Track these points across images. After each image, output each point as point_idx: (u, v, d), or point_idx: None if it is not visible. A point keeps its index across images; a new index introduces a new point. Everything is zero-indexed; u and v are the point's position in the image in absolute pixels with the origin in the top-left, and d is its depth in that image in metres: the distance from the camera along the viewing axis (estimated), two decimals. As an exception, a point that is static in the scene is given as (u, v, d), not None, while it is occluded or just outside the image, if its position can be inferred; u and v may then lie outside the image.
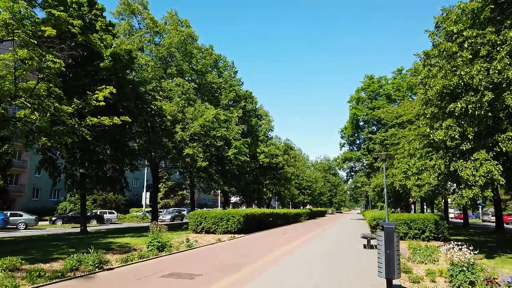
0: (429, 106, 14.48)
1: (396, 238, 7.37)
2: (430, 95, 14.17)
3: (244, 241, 17.45)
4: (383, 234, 7.43)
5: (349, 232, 25.32)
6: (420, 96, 20.28)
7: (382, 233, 7.47)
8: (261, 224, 25.29)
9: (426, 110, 14.53)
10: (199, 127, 26.27)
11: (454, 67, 13.07)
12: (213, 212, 21.36)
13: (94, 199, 49.71)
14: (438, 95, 13.72)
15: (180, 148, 25.70)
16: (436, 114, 14.12)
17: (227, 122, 30.99)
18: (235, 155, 29.66)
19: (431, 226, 18.45)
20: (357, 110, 45.01)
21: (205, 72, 34.10)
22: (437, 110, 13.99)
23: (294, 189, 59.19)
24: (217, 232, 20.78)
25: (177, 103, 26.95)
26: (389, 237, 7.29)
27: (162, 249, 12.88)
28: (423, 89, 15.11)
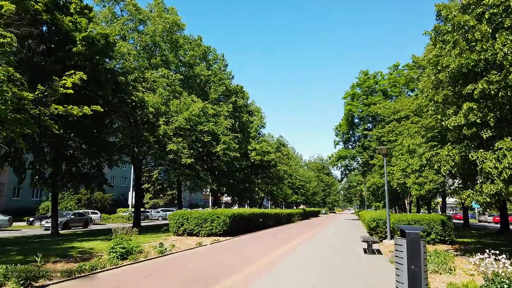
0: (441, 89, 12.43)
1: (424, 249, 5.25)
2: (442, 77, 12.13)
3: (228, 245, 15.25)
4: (403, 243, 5.30)
5: (345, 234, 23.26)
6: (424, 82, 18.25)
7: (403, 241, 5.34)
8: (250, 226, 23.14)
9: (437, 94, 12.47)
10: (184, 121, 24.05)
11: (472, 42, 11.04)
12: (196, 212, 19.16)
13: (79, 198, 47.20)
14: (452, 76, 11.67)
15: (164, 143, 23.47)
16: (450, 98, 12.07)
17: (215, 117, 28.78)
18: (224, 151, 27.46)
19: (437, 228, 16.42)
20: (352, 107, 43.04)
21: (193, 64, 31.86)
22: (451, 94, 11.94)
23: (287, 189, 57.08)
24: (200, 234, 18.58)
25: (161, 95, 24.70)
26: (413, 247, 5.15)
27: (126, 256, 10.65)
28: (433, 71, 13.06)
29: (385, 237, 17.89)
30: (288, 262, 10.89)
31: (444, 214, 18.12)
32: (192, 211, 19.81)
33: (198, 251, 13.16)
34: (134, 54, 26.81)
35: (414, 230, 5.31)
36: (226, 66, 36.22)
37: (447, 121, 11.80)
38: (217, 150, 27.07)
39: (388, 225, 17.17)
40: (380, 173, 37.29)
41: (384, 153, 17.91)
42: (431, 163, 12.66)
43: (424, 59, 20.02)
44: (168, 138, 23.48)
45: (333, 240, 18.85)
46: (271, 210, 29.04)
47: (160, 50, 28.90)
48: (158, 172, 33.02)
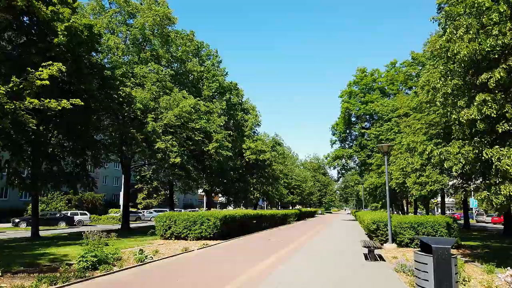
0: (450, 80, 11.21)
1: (455, 269, 4.00)
2: (452, 65, 10.92)
3: (217, 251, 13.96)
4: (429, 261, 4.04)
5: (343, 238, 22.07)
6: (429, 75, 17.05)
7: (428, 259, 4.08)
8: (243, 228, 21.85)
9: (445, 86, 11.25)
10: (174, 117, 22.74)
11: (488, 25, 9.83)
12: (184, 214, 17.84)
13: (69, 199, 45.66)
14: (464, 63, 10.46)
15: (152, 141, 22.14)
16: (461, 89, 10.86)
17: (208, 114, 27.48)
18: (216, 149, 26.16)
19: (442, 231, 15.23)
20: (349, 105, 41.84)
21: (185, 60, 30.55)
22: (462, 83, 10.72)
23: (283, 189, 55.82)
24: (189, 238, 17.26)
25: (150, 91, 23.38)
26: (443, 268, 3.89)
27: (98, 265, 9.34)
28: (441, 60, 11.85)
29: (386, 240, 16.69)
30: (282, 273, 9.63)
31: (449, 216, 16.93)
32: (180, 213, 18.50)
33: (182, 259, 11.85)
34: (123, 48, 25.49)
35: (442, 243, 4.05)
36: (219, 62, 34.96)
37: (458, 115, 10.59)
38: (209, 148, 25.77)
39: (390, 227, 15.97)
40: (378, 173, 36.19)
41: (385, 151, 16.70)
42: (440, 161, 11.37)
43: (428, 50, 18.77)
44: (157, 136, 22.16)
45: (330, 244, 17.62)
46: (265, 211, 27.77)
47: (150, 44, 27.58)
48: (152, 172, 31.60)
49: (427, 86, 19.67)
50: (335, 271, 9.87)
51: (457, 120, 11.08)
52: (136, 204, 60.38)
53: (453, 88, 10.76)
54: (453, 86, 10.76)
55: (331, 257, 12.66)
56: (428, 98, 19.10)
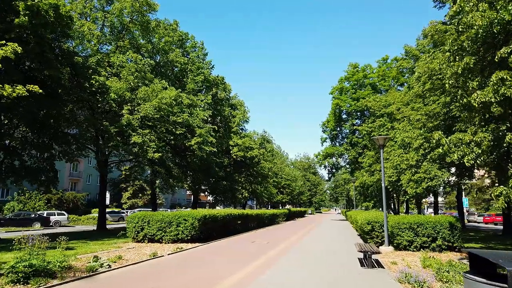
0: (460, 58, 9.55)
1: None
2: (464, 42, 9.26)
3: (192, 256, 12.09)
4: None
5: (334, 239, 20.39)
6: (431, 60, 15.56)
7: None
8: (227, 229, 20.03)
9: (453, 66, 9.58)
10: (152, 109, 20.80)
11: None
12: (159, 214, 15.92)
13: (48, 198, 43.20)
14: (478, 37, 8.82)
15: (127, 135, 20.18)
16: (473, 68, 9.20)
17: (191, 107, 25.56)
18: (199, 144, 24.26)
19: (444, 232, 13.61)
20: (340, 101, 40.29)
21: (168, 51, 28.60)
22: (475, 61, 9.06)
23: (272, 188, 54.07)
24: (164, 240, 15.37)
25: (127, 80, 21.42)
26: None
27: (29, 278, 7.42)
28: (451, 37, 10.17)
29: (381, 242, 15.02)
30: (264, 285, 7.84)
31: (452, 216, 15.33)
32: (155, 212, 16.57)
33: (147, 267, 9.97)
34: (98, 36, 23.44)
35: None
36: (205, 55, 33.03)
37: (469, 98, 8.95)
38: (191, 143, 23.85)
39: (386, 229, 14.30)
40: (370, 171, 34.68)
41: (380, 143, 15.03)
42: (448, 151, 9.69)
43: (428, 32, 17.21)
44: (133, 129, 20.20)
45: (321, 246, 15.90)
46: (252, 211, 25.96)
47: (129, 33, 25.56)
48: (129, 169, 29.41)
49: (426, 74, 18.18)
50: (327, 283, 8.11)
51: (467, 106, 9.44)
52: (120, 204, 58.10)
53: (464, 67, 9.08)
54: (464, 66, 9.08)
55: (322, 263, 10.91)
56: (427, 87, 17.59)
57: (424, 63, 17.26)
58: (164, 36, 28.29)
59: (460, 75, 9.41)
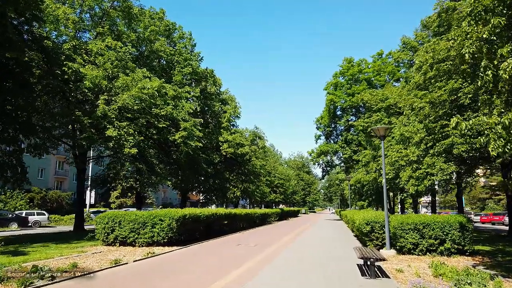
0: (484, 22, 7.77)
1: None
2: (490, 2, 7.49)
3: (161, 264, 10.18)
4: None
5: (329, 240, 18.60)
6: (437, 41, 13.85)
7: None
8: (212, 230, 18.18)
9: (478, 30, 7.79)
10: (131, 99, 18.87)
11: None
12: (131, 214, 14.00)
13: (31, 197, 40.98)
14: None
15: (102, 127, 18.25)
16: (502, 32, 7.42)
17: (176, 99, 23.65)
18: (184, 139, 22.35)
19: (454, 234, 11.87)
20: (335, 96, 38.56)
21: (154, 41, 26.65)
22: (506, 22, 7.27)
23: (265, 187, 52.24)
24: (137, 243, 13.46)
25: (104, 68, 19.46)
26: None
27: None
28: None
29: (382, 245, 13.28)
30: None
31: (463, 215, 13.58)
32: (128, 212, 14.63)
33: (98, 280, 8.07)
34: (75, 21, 21.44)
35: None
36: (194, 46, 31.12)
37: (497, 68, 7.18)
38: (175, 138, 21.93)
39: (387, 230, 12.55)
40: (366, 169, 33.01)
41: (381, 134, 13.28)
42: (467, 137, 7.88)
43: (436, 7, 15.50)
44: (109, 122, 18.24)
45: (314, 250, 14.10)
46: (241, 210, 24.10)
47: (109, 19, 23.57)
48: (107, 166, 27.15)
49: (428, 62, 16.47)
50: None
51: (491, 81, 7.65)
52: (109, 204, 55.94)
53: (492, 31, 7.29)
54: (491, 29, 7.30)
55: (315, 271, 9.10)
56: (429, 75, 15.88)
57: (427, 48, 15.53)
58: (149, 25, 26.38)
59: (485, 42, 7.63)
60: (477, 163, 15.14)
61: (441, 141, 14.08)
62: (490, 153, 7.56)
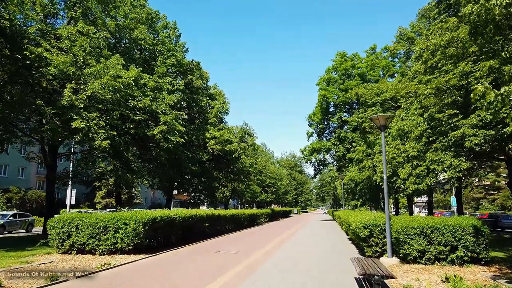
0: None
1: None
2: None
3: (111, 284, 8.13)
4: None
5: (321, 244, 16.71)
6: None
7: None
8: (192, 233, 16.15)
9: None
10: (101, 88, 16.74)
11: None
12: (91, 216, 11.92)
13: (8, 197, 38.50)
14: None
15: (68, 118, 16.11)
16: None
17: (156, 91, 21.58)
18: (164, 134, 20.27)
19: (467, 239, 10.03)
20: (327, 92, 36.73)
21: (135, 29, 24.52)
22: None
23: (256, 186, 50.26)
24: (98, 251, 11.39)
25: (73, 54, 17.32)
26: None
27: None
28: None
29: (382, 252, 11.40)
30: None
31: (475, 217, 11.73)
32: (88, 214, 12.54)
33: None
34: (43, 3, 19.26)
35: None
36: (178, 36, 28.99)
37: None
38: (154, 133, 19.84)
39: (389, 234, 10.69)
40: (359, 167, 31.26)
41: (382, 124, 11.40)
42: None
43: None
44: (77, 112, 16.11)
45: (305, 258, 12.18)
46: (227, 211, 22.08)
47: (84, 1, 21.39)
48: (76, 162, 24.67)
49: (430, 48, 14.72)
50: None
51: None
52: (94, 204, 53.50)
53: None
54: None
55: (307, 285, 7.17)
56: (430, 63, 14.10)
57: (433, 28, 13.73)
58: (130, 13, 24.24)
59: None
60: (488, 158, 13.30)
61: (449, 133, 12.24)
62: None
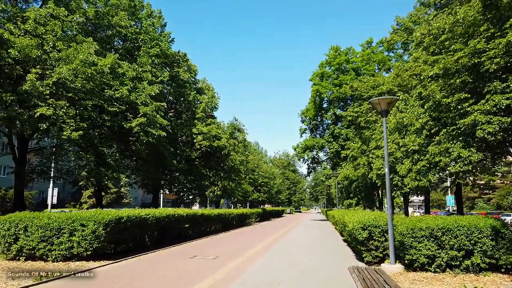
0: None
1: None
2: None
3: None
4: None
5: (314, 247, 15.03)
6: None
7: None
8: (170, 235, 14.38)
9: None
10: (70, 74, 14.91)
11: None
12: (43, 217, 10.12)
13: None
14: None
15: (31, 105, 14.29)
16: None
17: (136, 81, 19.78)
18: (143, 127, 18.46)
19: (485, 243, 8.40)
20: (321, 87, 35.10)
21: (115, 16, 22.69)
22: None
23: (248, 185, 48.50)
24: (50, 257, 9.59)
25: (39, 35, 15.49)
26: None
27: None
28: None
29: (383, 257, 9.76)
30: None
31: (494, 218, 10.08)
32: (40, 214, 10.71)
33: None
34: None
35: None
36: (164, 26, 27.15)
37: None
38: (132, 125, 18.00)
39: (391, 237, 9.05)
40: (354, 165, 29.69)
41: (383, 109, 9.74)
42: None
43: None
44: (42, 99, 14.28)
45: (295, 265, 10.49)
46: (211, 211, 20.32)
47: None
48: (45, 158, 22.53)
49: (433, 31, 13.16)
50: None
51: None
52: (80, 204, 51.40)
53: None
54: None
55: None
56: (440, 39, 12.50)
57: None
58: None
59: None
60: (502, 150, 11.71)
61: (458, 120, 10.63)
62: None
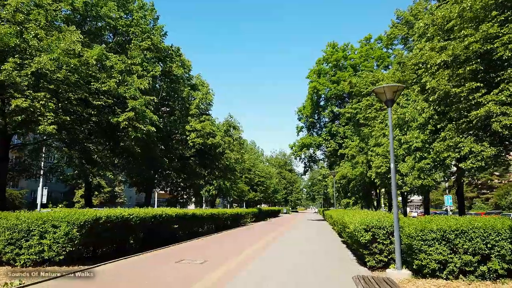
0: None
1: None
2: None
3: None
4: None
5: (311, 250, 14.07)
6: None
7: None
8: (159, 236, 13.37)
9: None
10: (51, 65, 13.87)
11: None
12: (11, 217, 9.11)
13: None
14: None
15: (7, 96, 13.25)
16: None
17: (124, 74, 18.75)
18: (132, 122, 17.43)
19: (503, 246, 7.48)
20: (318, 84, 34.18)
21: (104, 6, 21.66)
22: None
23: (244, 185, 47.53)
24: (18, 262, 8.59)
25: (18, 23, 14.44)
26: None
27: None
28: None
29: (387, 262, 8.82)
30: None
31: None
32: (8, 213, 9.66)
33: None
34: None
35: None
36: (156, 19, 26.12)
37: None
38: (119, 120, 16.97)
39: (398, 240, 8.13)
40: (352, 163, 28.86)
41: (388, 98, 8.77)
42: None
43: None
44: (20, 91, 13.26)
45: (290, 272, 9.55)
46: (204, 211, 19.33)
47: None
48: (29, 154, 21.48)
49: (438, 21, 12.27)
50: None
51: None
52: (73, 203, 50.20)
53: None
54: None
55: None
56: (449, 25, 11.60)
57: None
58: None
59: None
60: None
61: (469, 112, 9.71)
62: None
